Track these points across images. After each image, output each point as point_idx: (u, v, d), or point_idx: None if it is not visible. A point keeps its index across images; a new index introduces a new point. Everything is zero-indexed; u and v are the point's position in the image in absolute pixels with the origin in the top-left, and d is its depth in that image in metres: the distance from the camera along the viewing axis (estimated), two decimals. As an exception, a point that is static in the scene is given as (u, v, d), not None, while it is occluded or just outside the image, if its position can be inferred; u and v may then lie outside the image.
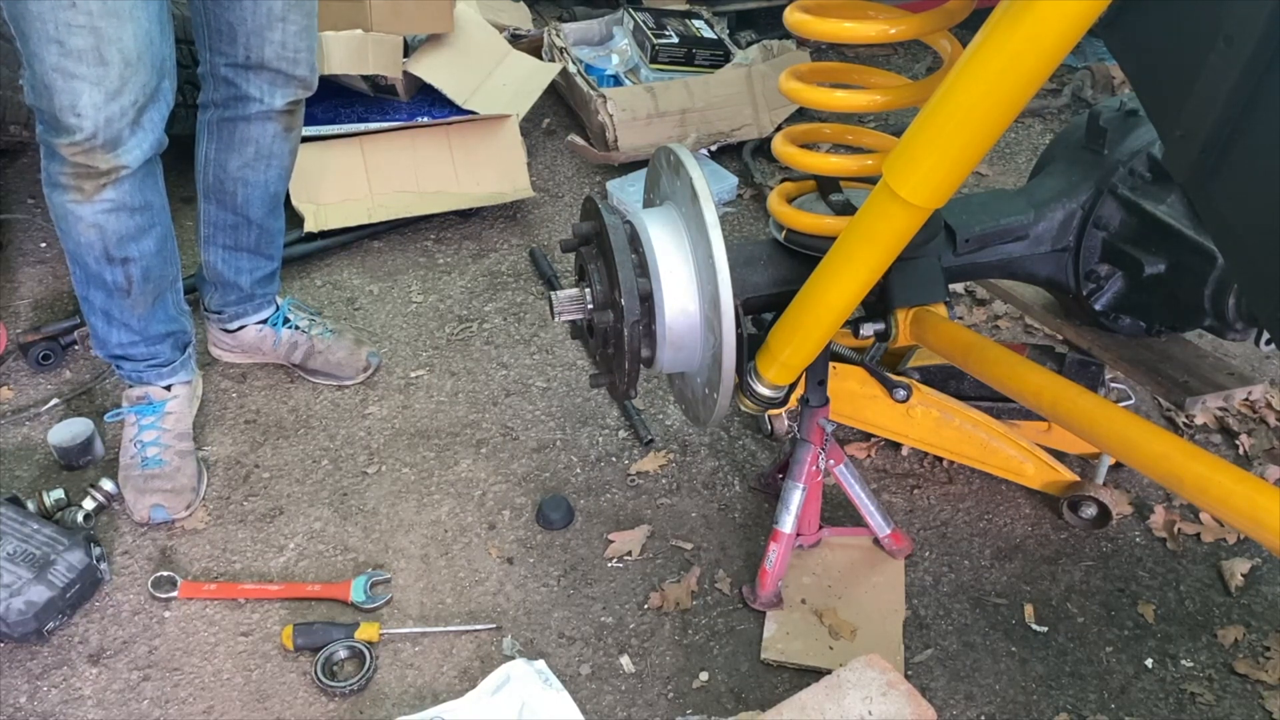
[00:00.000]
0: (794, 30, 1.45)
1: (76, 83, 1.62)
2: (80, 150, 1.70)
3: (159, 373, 2.05)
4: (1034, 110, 3.23)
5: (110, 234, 1.83)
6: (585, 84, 3.07)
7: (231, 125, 1.96)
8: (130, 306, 1.94)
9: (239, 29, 1.83)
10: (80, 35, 1.59)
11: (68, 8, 1.57)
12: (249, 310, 2.24)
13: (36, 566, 1.74)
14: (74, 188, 1.77)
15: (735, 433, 2.16)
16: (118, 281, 1.90)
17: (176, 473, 1.99)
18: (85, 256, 1.87)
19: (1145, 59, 1.11)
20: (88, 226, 1.81)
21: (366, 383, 2.30)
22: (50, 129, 1.70)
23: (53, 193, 1.81)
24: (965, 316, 2.45)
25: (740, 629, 1.78)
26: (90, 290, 1.93)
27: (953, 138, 1.17)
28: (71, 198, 1.78)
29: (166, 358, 2.05)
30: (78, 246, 1.86)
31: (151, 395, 2.04)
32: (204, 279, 2.22)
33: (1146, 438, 1.29)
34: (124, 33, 1.62)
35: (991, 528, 1.95)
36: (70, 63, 1.60)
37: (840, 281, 1.43)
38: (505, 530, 1.97)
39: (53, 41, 1.59)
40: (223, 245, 2.13)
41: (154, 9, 1.66)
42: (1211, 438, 2.13)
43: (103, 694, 1.70)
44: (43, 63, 1.61)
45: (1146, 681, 1.70)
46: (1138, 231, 1.65)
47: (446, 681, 1.71)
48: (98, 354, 2.07)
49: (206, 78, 1.94)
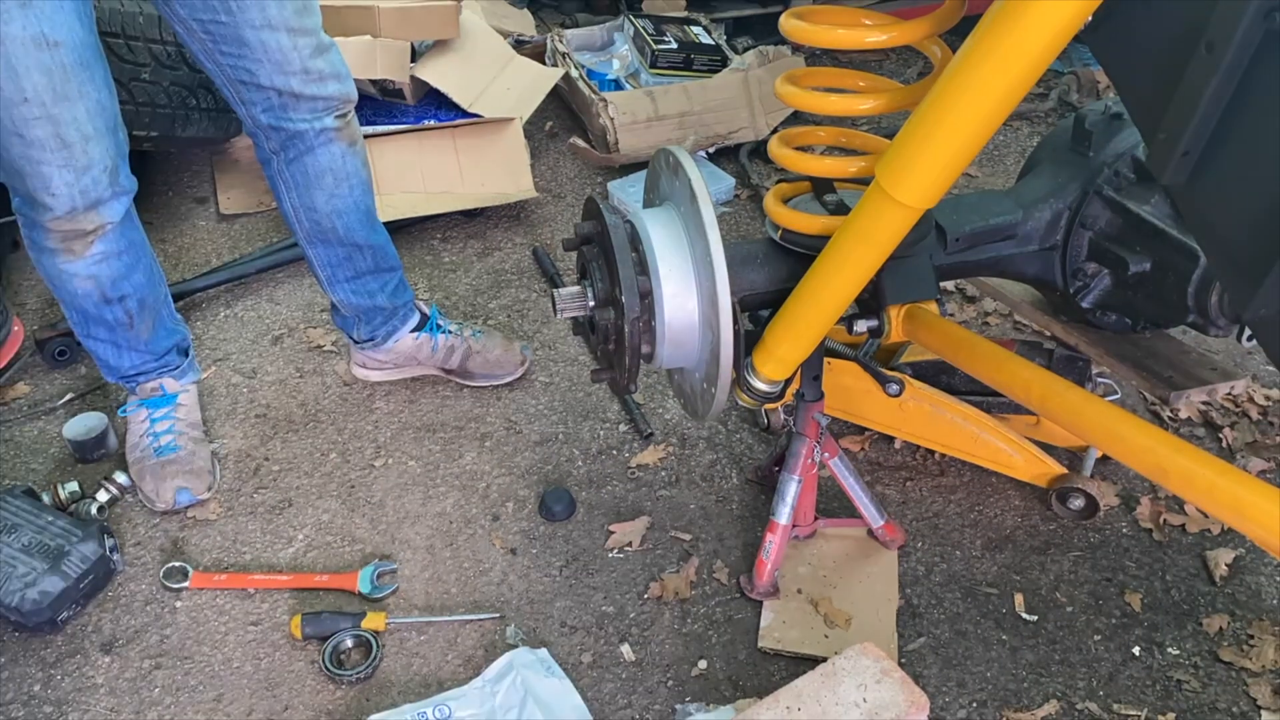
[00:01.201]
0: (789, 36, 1.46)
1: (45, 168, 1.64)
2: (64, 221, 1.73)
3: (173, 376, 2.10)
4: (1022, 113, 3.24)
5: (104, 280, 1.86)
6: (587, 88, 3.09)
7: (300, 165, 1.92)
8: (136, 335, 1.98)
9: (258, 72, 1.77)
10: (38, 126, 1.61)
11: (20, 104, 1.58)
12: (398, 325, 2.20)
13: (51, 557, 1.77)
14: (63, 250, 1.79)
15: (733, 427, 2.19)
16: (119, 318, 1.93)
17: (192, 456, 2.03)
18: (83, 304, 1.90)
19: (1129, 64, 1.13)
20: (83, 279, 1.84)
21: (372, 379, 2.33)
22: (28, 204, 1.73)
23: (41, 256, 1.83)
24: (956, 313, 2.46)
25: (738, 618, 1.81)
26: (92, 328, 1.96)
27: (943, 140, 1.18)
28: (62, 259, 1.81)
29: (175, 363, 2.10)
30: (73, 297, 1.88)
31: (165, 386, 2.07)
32: (344, 316, 2.18)
33: (1132, 431, 1.28)
34: (77, 112, 1.63)
35: (982, 519, 1.98)
36: (35, 151, 1.63)
37: (835, 279, 1.44)
38: (509, 522, 2.00)
39: (14, 135, 1.61)
40: (346, 279, 2.09)
41: (99, 74, 1.66)
42: (1195, 431, 2.15)
43: (115, 682, 1.73)
44: (9, 152, 1.64)
45: (1134, 669, 1.72)
46: (1123, 231, 1.65)
47: (451, 670, 1.73)
48: (110, 380, 2.09)
49: (255, 134, 1.90)
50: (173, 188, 2.97)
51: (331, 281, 2.09)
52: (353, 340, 2.23)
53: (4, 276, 2.62)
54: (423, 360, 2.25)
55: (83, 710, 1.69)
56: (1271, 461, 2.07)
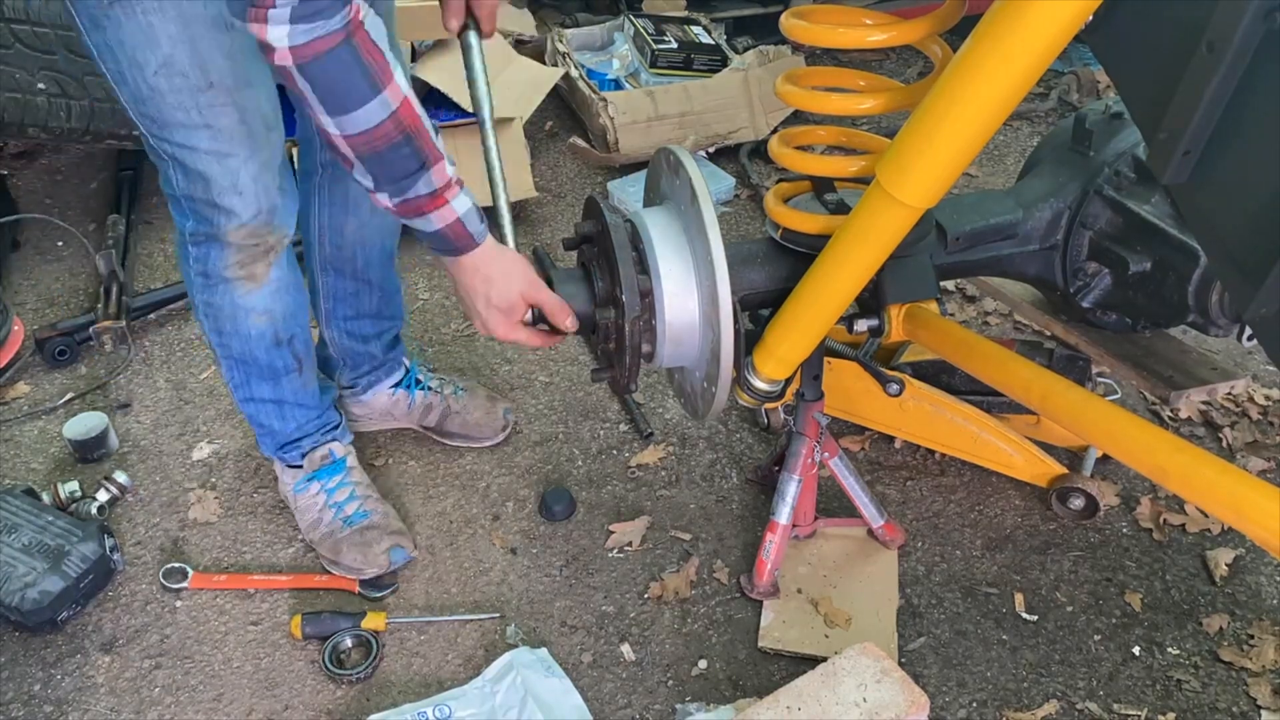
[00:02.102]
0: (789, 36, 1.47)
1: (232, 160, 1.54)
2: (248, 230, 1.62)
3: (334, 435, 1.97)
4: (1022, 113, 3.24)
5: (278, 316, 1.75)
6: (587, 88, 3.10)
7: (344, 185, 1.83)
8: (303, 384, 1.87)
9: None
10: (225, 113, 1.51)
11: (205, 89, 1.48)
12: (381, 376, 2.11)
13: (51, 557, 1.77)
14: (244, 278, 1.68)
15: (733, 426, 2.19)
16: (288, 364, 1.82)
17: (386, 517, 1.92)
18: (255, 350, 1.78)
19: (1130, 63, 1.13)
20: (259, 316, 1.74)
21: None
22: (207, 220, 1.62)
23: (216, 291, 1.70)
24: (956, 313, 2.47)
25: (738, 618, 1.81)
26: (255, 388, 1.84)
27: (944, 139, 1.19)
28: (243, 290, 1.70)
29: (335, 420, 1.98)
30: (247, 343, 1.77)
31: (334, 452, 1.95)
32: (330, 357, 2.07)
33: (1133, 431, 1.28)
34: (260, 98, 1.54)
35: (982, 519, 1.98)
36: (222, 143, 1.53)
37: (835, 279, 1.44)
38: (509, 521, 2.00)
39: (201, 127, 1.50)
40: (344, 316, 2.00)
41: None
42: (1196, 431, 2.15)
43: (115, 681, 1.73)
44: (193, 151, 1.54)
45: (1134, 669, 1.72)
46: (1123, 230, 1.65)
47: (451, 669, 1.73)
48: (268, 454, 1.96)
49: (311, 140, 1.82)
50: (173, 187, 2.97)
51: (330, 316, 2.00)
52: (338, 385, 2.10)
53: (4, 276, 2.62)
54: (398, 416, 2.15)
55: (83, 710, 1.69)
56: (1271, 461, 2.07)
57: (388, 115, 1.32)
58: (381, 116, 1.32)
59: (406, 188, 1.40)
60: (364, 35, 1.27)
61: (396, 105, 1.33)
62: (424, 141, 1.38)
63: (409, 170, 1.38)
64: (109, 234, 2.64)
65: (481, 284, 1.51)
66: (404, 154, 1.37)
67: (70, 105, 2.52)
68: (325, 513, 1.90)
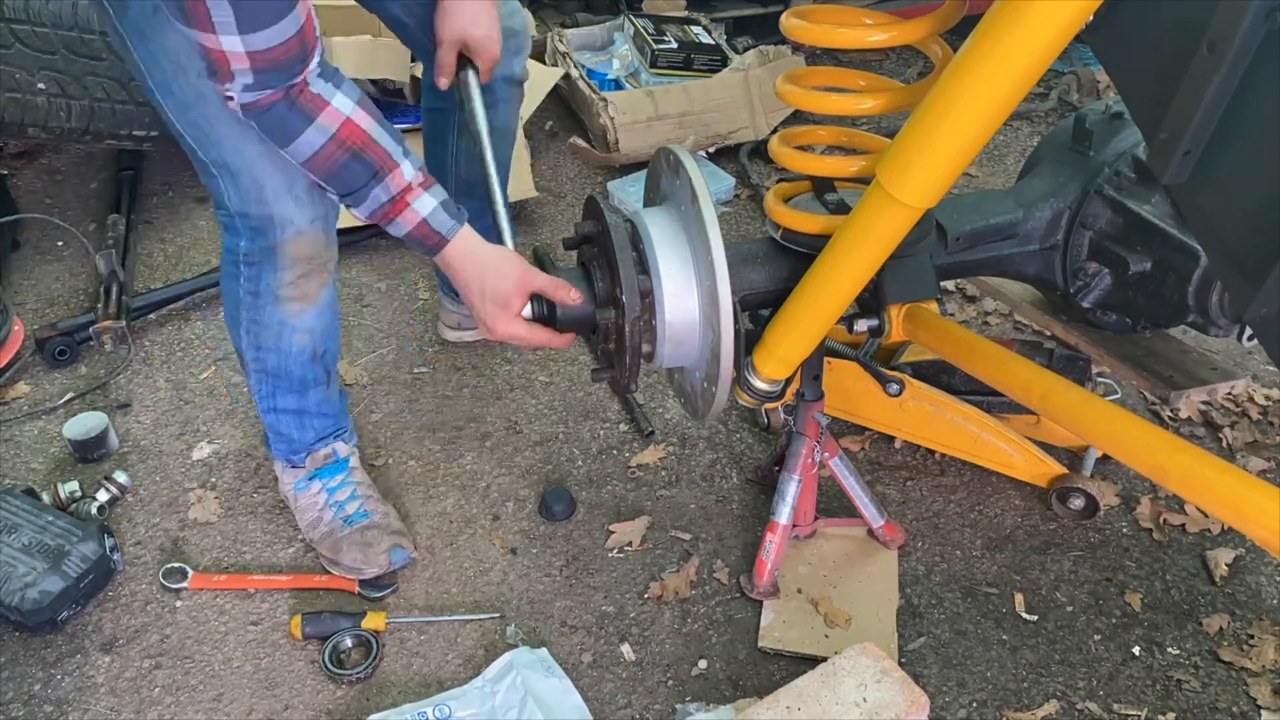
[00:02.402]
0: (789, 35, 1.47)
1: (285, 162, 1.51)
2: (306, 240, 1.61)
3: (341, 436, 1.96)
4: (1022, 113, 3.24)
5: (318, 334, 1.76)
6: (587, 88, 3.10)
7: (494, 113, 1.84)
8: (327, 396, 1.88)
9: None
10: None
11: None
12: None
13: (51, 557, 1.77)
14: (297, 297, 1.68)
15: (733, 426, 2.19)
16: (318, 377, 1.83)
17: (386, 517, 1.91)
18: (291, 366, 1.78)
19: (1130, 63, 1.13)
20: (302, 335, 1.74)
21: (373, 378, 2.32)
22: (263, 234, 1.60)
23: (264, 311, 1.70)
24: (956, 313, 2.47)
25: (738, 618, 1.81)
26: (280, 399, 1.84)
27: (944, 139, 1.19)
28: (294, 309, 1.69)
29: (346, 424, 1.98)
30: (285, 359, 1.77)
31: (338, 451, 1.94)
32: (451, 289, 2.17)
33: (1133, 431, 1.28)
34: None
35: (982, 519, 1.98)
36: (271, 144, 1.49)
37: (835, 279, 1.45)
38: (509, 521, 2.00)
39: (249, 128, 1.46)
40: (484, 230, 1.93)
41: None
42: (1196, 431, 2.15)
43: (115, 681, 1.73)
44: (245, 158, 1.53)
45: (1134, 669, 1.72)
46: (1123, 230, 1.65)
47: (451, 669, 1.73)
48: (277, 457, 1.94)
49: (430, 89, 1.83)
50: (173, 187, 2.97)
51: None
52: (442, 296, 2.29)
53: (4, 276, 2.62)
54: None
55: (83, 710, 1.69)
56: (1272, 461, 2.07)
57: (327, 139, 1.42)
58: (320, 142, 1.43)
59: (365, 197, 1.50)
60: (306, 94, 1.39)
61: (336, 128, 1.42)
62: (374, 153, 1.45)
63: (363, 181, 1.47)
64: (109, 234, 2.64)
65: (474, 280, 1.55)
66: (354, 169, 1.46)
67: (70, 105, 2.53)
68: (325, 512, 1.90)
